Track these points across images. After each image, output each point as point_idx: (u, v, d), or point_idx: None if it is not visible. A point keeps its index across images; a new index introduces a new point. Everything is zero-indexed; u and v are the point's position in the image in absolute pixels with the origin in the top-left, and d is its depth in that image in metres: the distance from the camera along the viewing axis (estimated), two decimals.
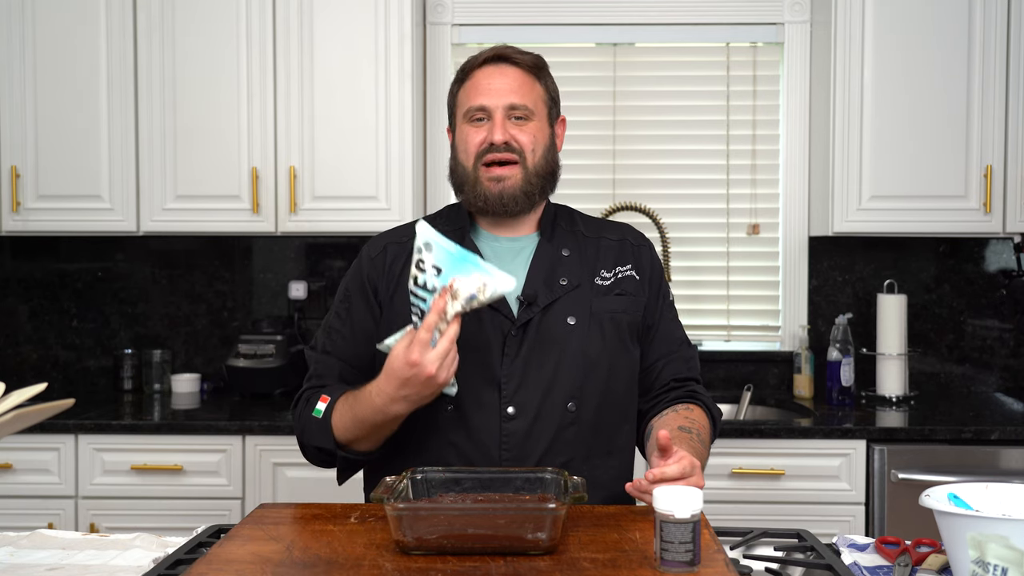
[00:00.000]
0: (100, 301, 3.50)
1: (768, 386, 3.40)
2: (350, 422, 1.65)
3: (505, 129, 1.71)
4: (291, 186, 3.11)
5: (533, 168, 1.73)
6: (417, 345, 1.51)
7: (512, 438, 1.65)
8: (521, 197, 1.72)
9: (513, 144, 1.71)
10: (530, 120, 1.73)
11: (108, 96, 3.13)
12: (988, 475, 2.75)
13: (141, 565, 1.49)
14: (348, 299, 1.78)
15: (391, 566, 1.28)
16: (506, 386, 1.67)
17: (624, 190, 3.44)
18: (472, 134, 1.73)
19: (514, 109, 1.72)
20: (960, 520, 1.26)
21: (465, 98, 1.75)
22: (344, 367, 1.76)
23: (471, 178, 1.73)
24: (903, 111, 3.07)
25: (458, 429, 1.67)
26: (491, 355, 1.67)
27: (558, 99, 1.83)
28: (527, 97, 1.73)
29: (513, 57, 1.75)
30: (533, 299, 1.69)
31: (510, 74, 1.74)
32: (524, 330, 1.68)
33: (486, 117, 1.72)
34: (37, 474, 2.89)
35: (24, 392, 1.29)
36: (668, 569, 1.25)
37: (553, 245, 1.77)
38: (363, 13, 3.10)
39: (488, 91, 1.72)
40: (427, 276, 1.54)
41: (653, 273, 1.82)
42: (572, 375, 1.69)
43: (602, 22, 3.43)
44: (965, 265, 3.39)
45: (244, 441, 2.89)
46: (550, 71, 1.82)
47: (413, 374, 1.52)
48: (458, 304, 1.52)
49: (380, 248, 1.79)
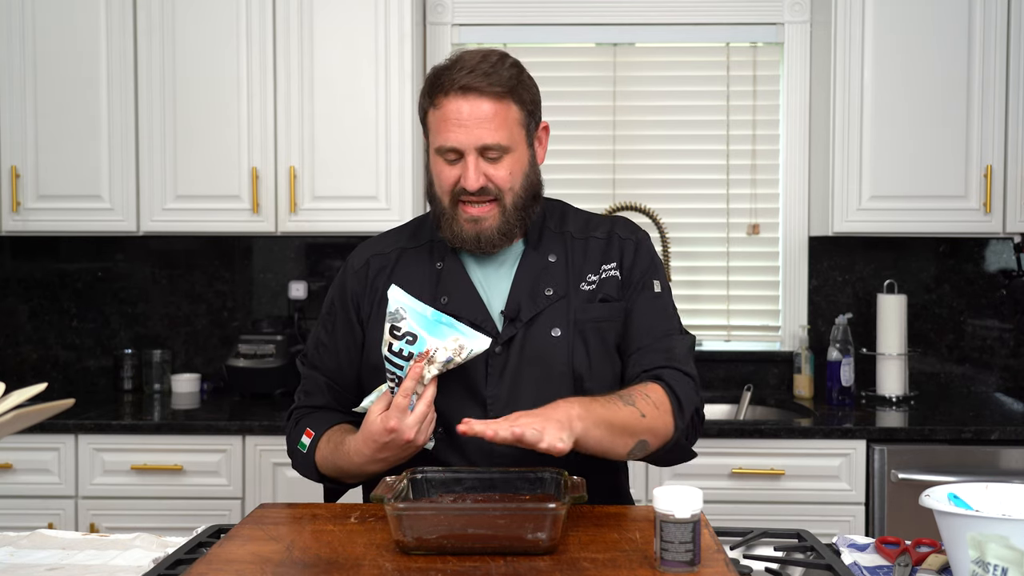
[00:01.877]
0: (100, 301, 3.50)
1: (768, 386, 3.40)
2: (331, 467, 1.68)
3: (479, 173, 1.62)
4: (291, 186, 3.11)
5: (512, 204, 1.66)
6: (395, 411, 1.52)
7: (504, 459, 1.61)
8: (498, 238, 1.66)
9: (489, 187, 1.63)
10: (506, 155, 1.63)
11: (108, 96, 3.13)
12: (988, 475, 2.75)
13: (141, 565, 1.48)
14: (333, 313, 1.78)
15: (391, 566, 1.28)
16: (492, 407, 1.64)
17: (624, 190, 3.43)
18: (445, 171, 1.65)
19: (488, 149, 1.62)
20: (960, 520, 1.26)
21: (435, 129, 1.65)
22: (331, 384, 1.77)
23: (448, 215, 1.66)
24: (903, 111, 3.07)
25: (449, 451, 1.65)
26: (476, 374, 1.64)
27: (538, 106, 1.70)
28: (500, 131, 1.61)
29: (482, 88, 1.60)
30: (515, 314, 1.66)
31: (482, 108, 1.60)
32: (508, 347, 1.65)
33: (458, 157, 1.63)
34: (37, 474, 2.89)
35: (24, 392, 1.29)
36: (668, 569, 1.25)
37: (539, 252, 1.72)
38: (363, 13, 3.10)
39: (458, 127, 1.61)
40: (403, 343, 1.54)
41: (635, 267, 1.73)
42: (559, 390, 1.64)
43: (602, 22, 3.43)
44: (965, 265, 3.39)
45: (244, 441, 2.89)
46: (526, 74, 1.69)
47: (391, 439, 1.53)
48: (435, 368, 1.53)
49: (363, 261, 1.77)
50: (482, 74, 1.61)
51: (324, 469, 1.69)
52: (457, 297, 1.68)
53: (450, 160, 1.64)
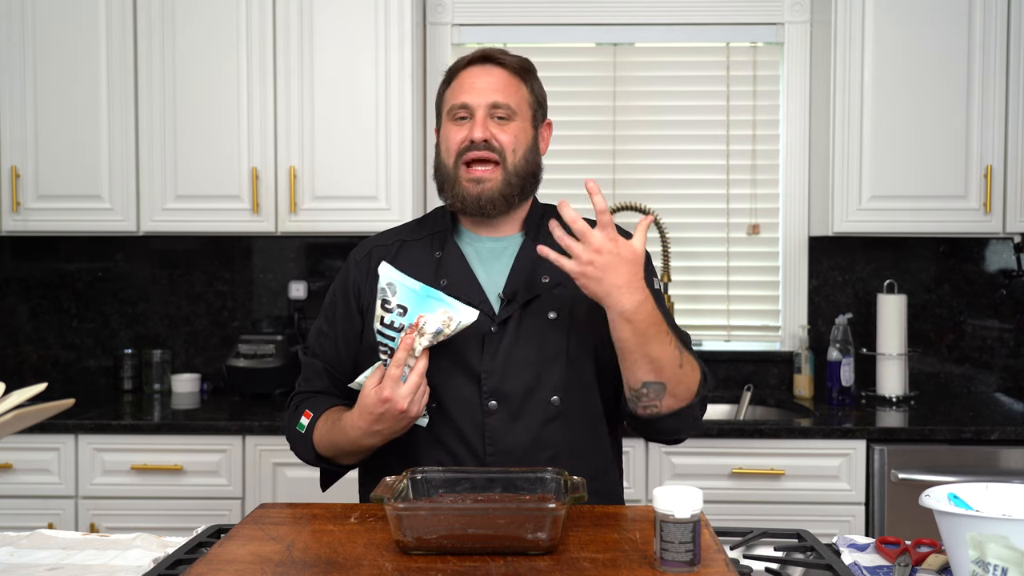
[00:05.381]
0: (100, 301, 3.50)
1: (768, 386, 3.40)
2: (328, 445, 1.72)
3: (486, 127, 1.71)
4: (291, 186, 3.11)
5: (513, 168, 1.73)
6: (388, 381, 1.57)
7: (495, 432, 1.67)
8: (499, 200, 1.73)
9: (493, 143, 1.72)
10: (512, 120, 1.74)
11: (108, 96, 3.13)
12: (988, 475, 2.75)
13: (141, 565, 1.49)
14: (334, 304, 1.83)
15: (391, 566, 1.28)
16: (486, 381, 1.68)
17: (624, 190, 3.44)
18: (454, 132, 1.74)
19: (497, 108, 1.72)
20: (960, 520, 1.26)
21: (450, 96, 1.77)
22: (330, 370, 1.81)
23: (451, 177, 1.74)
24: (903, 111, 3.07)
25: (443, 425, 1.69)
26: (471, 351, 1.69)
27: (545, 103, 1.83)
28: (511, 97, 1.74)
29: (499, 58, 1.76)
30: (513, 296, 1.71)
31: (495, 74, 1.75)
32: (504, 326, 1.70)
33: (468, 115, 1.73)
34: (37, 474, 2.89)
35: (24, 392, 1.29)
36: (668, 569, 1.25)
37: (538, 244, 1.75)
38: (363, 13, 3.10)
39: (472, 90, 1.73)
40: (393, 315, 1.62)
41: None
42: (555, 369, 1.70)
43: (602, 22, 3.43)
44: (965, 265, 3.39)
45: (244, 441, 2.89)
46: (538, 76, 1.82)
47: (385, 410, 1.58)
48: (425, 339, 1.58)
49: (366, 252, 1.82)
50: (500, 52, 1.78)
51: (321, 448, 1.73)
52: (456, 279, 1.73)
53: (460, 118, 1.74)
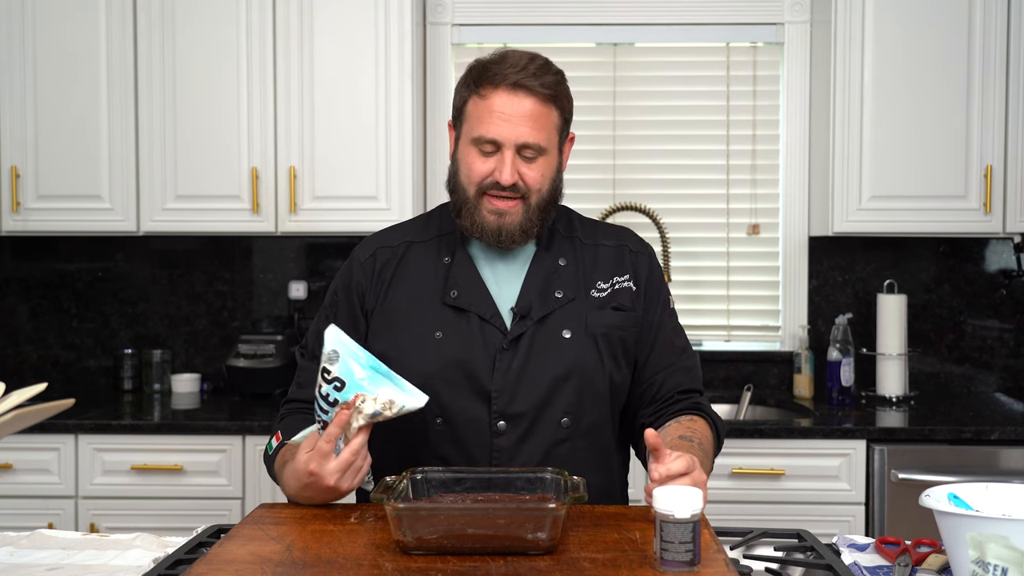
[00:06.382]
0: (100, 301, 3.50)
1: (768, 386, 3.40)
2: (280, 482, 1.65)
3: (514, 169, 1.64)
4: (291, 186, 3.11)
5: (536, 204, 1.67)
6: (316, 456, 1.49)
7: (502, 454, 1.64)
8: (519, 233, 1.67)
9: (519, 184, 1.65)
10: (540, 156, 1.66)
11: (108, 96, 3.13)
12: (988, 475, 2.75)
13: (141, 565, 1.48)
14: (336, 304, 1.77)
15: (391, 566, 1.28)
16: (496, 400, 1.64)
17: (624, 190, 3.44)
18: (478, 163, 1.66)
19: (526, 148, 1.64)
20: (960, 520, 1.26)
21: (476, 118, 1.66)
22: None
23: (471, 204, 1.67)
24: (903, 111, 3.07)
25: (448, 444, 1.66)
26: (482, 368, 1.65)
27: (571, 114, 1.73)
28: (540, 132, 1.64)
29: (532, 88, 1.63)
30: (527, 312, 1.67)
31: (527, 105, 1.63)
32: (516, 344, 1.66)
33: (495, 150, 1.65)
34: (37, 474, 2.89)
35: (24, 392, 1.28)
36: (668, 569, 1.25)
37: (550, 254, 1.73)
38: (363, 13, 3.10)
39: (501, 123, 1.63)
40: (330, 388, 1.50)
41: (651, 281, 1.77)
42: (567, 389, 1.66)
43: (602, 22, 3.43)
44: (965, 265, 3.39)
45: (244, 441, 2.89)
46: (566, 86, 1.71)
47: (312, 482, 1.51)
48: (361, 419, 1.48)
49: (370, 252, 1.77)
50: (532, 75, 1.64)
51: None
52: (466, 291, 1.69)
53: (486, 152, 1.66)
